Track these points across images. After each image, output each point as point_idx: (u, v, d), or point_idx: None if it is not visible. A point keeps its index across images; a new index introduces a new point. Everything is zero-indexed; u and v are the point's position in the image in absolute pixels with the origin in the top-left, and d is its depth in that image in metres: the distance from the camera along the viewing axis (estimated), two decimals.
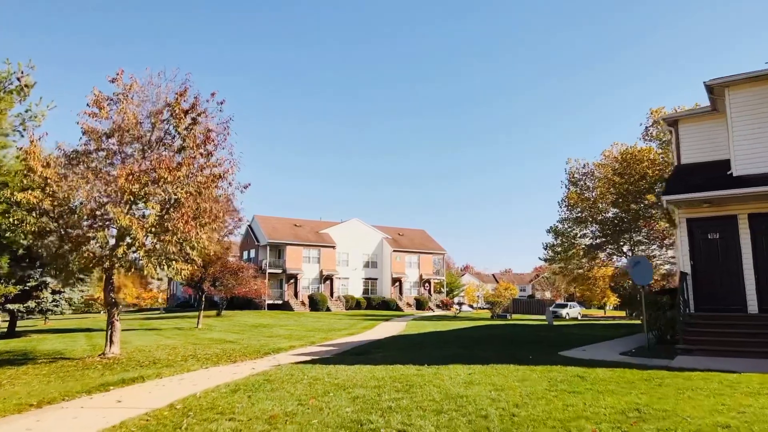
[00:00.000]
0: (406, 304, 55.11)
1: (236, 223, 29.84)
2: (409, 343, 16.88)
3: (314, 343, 17.58)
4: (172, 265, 12.39)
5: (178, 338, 21.20)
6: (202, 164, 12.93)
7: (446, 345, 15.57)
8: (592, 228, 42.69)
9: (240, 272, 28.92)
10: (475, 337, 18.20)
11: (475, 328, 23.85)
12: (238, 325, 29.39)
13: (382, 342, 17.68)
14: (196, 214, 12.54)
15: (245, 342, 18.17)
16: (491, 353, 12.43)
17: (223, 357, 13.17)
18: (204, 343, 17.99)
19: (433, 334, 20.93)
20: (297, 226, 56.06)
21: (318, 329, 25.39)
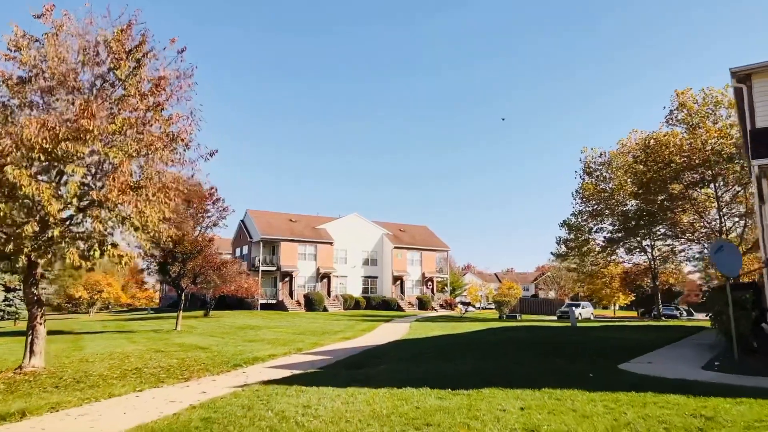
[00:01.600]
0: (408, 303, 52.00)
1: (221, 213, 26.79)
2: (417, 350, 13.77)
3: (301, 350, 14.47)
4: (107, 249, 9.29)
5: (143, 343, 18.09)
6: (149, 119, 9.83)
7: (464, 353, 12.46)
8: (609, 221, 39.65)
9: (224, 268, 25.79)
10: (495, 342, 15.09)
11: (490, 331, 20.73)
12: (223, 327, 26.29)
13: (384, 349, 14.58)
14: (138, 183, 9.44)
15: (219, 348, 15.07)
16: (531, 367, 9.33)
17: (176, 372, 10.06)
18: (169, 351, 14.89)
19: (444, 338, 17.82)
20: (292, 222, 52.89)
21: (311, 332, 22.30)
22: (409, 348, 14.48)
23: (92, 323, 35.94)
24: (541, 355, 11.37)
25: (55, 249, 8.83)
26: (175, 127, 10.33)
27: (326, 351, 14.37)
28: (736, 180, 31.40)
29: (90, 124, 8.35)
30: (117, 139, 9.27)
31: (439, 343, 15.59)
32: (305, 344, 16.12)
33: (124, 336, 22.25)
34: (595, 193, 39.37)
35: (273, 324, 28.67)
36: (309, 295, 47.07)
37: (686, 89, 33.77)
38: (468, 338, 17.16)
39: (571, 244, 41.54)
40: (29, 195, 7.98)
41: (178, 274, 24.51)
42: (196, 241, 24.53)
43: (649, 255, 38.95)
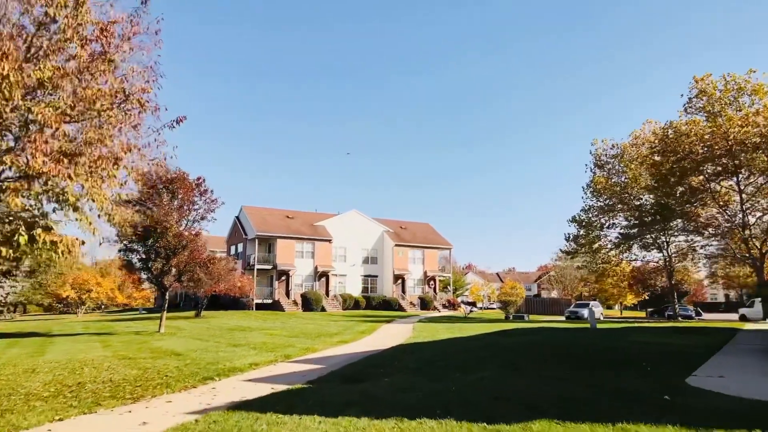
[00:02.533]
0: (410, 303, 49.94)
1: (209, 206, 24.69)
2: (426, 357, 11.73)
3: (290, 357, 12.41)
4: (38, 234, 7.23)
5: (115, 348, 16.04)
6: (92, 69, 7.79)
7: (483, 362, 10.42)
8: (622, 216, 37.57)
9: (211, 264, 23.71)
10: (514, 347, 13.05)
11: (503, 334, 18.68)
12: (212, 329, 24.24)
13: (387, 356, 12.53)
14: (74, 149, 7.39)
15: (196, 355, 13.01)
16: (578, 385, 7.28)
17: (127, 389, 8.00)
18: (138, 357, 12.84)
19: (453, 342, 15.77)
20: (289, 218, 50.79)
21: (305, 334, 20.25)
22: (415, 354, 12.43)
23: (75, 324, 33.91)
24: (581, 366, 9.31)
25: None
26: (127, 84, 8.26)
27: (320, 358, 12.32)
28: (761, 171, 29.37)
29: (3, 68, 6.34)
30: (46, 93, 7.26)
31: (450, 349, 13.54)
32: (296, 349, 14.06)
33: (99, 339, 20.22)
34: (607, 187, 37.31)
35: (266, 325, 26.64)
36: (306, 294, 45.00)
37: (706, 75, 31.69)
38: (481, 342, 15.11)
39: (582, 241, 39.45)
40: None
41: (160, 272, 22.41)
42: (180, 234, 22.46)
43: (665, 252, 36.90)
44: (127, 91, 8.25)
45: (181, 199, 23.72)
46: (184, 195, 23.60)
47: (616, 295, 66.60)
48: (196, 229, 23.98)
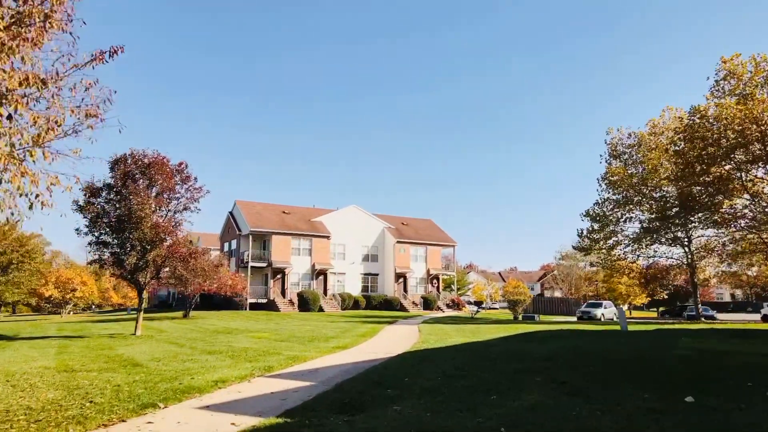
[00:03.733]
0: (412, 303, 47.43)
1: (193, 195, 22.14)
2: (443, 370, 9.22)
3: (271, 369, 9.87)
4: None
5: (70, 355, 13.53)
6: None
7: (521, 380, 7.92)
8: (641, 209, 35.04)
9: (192, 259, 21.13)
10: (552, 357, 10.53)
11: (527, 339, 16.15)
12: (195, 332, 21.74)
13: (393, 367, 10.01)
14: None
15: (156, 367, 10.50)
16: (693, 425, 4.75)
17: (15, 426, 5.50)
18: (84, 369, 10.32)
19: (471, 349, 13.24)
20: (285, 214, 48.23)
21: (297, 338, 17.74)
22: (429, 366, 9.91)
23: (53, 326, 31.40)
24: (659, 387, 6.78)
25: None
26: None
27: (309, 371, 9.79)
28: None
29: None
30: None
31: (470, 358, 11.02)
32: (282, 358, 11.52)
33: (61, 344, 17.70)
34: (624, 178, 34.79)
35: (256, 327, 24.14)
36: (303, 293, 42.46)
37: (734, 55, 29.21)
38: (504, 349, 12.60)
39: (596, 236, 36.92)
40: None
41: (134, 267, 19.86)
42: (157, 225, 19.94)
43: (686, 248, 34.36)
44: (45, 13, 5.74)
45: (160, 187, 21.22)
46: (163, 182, 21.09)
47: (625, 295, 64.20)
48: (177, 219, 21.44)
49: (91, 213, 20.04)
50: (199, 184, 22.25)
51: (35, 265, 47.03)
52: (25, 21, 5.86)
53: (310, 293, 42.51)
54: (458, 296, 55.94)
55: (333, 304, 43.70)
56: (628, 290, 64.49)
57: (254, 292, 43.14)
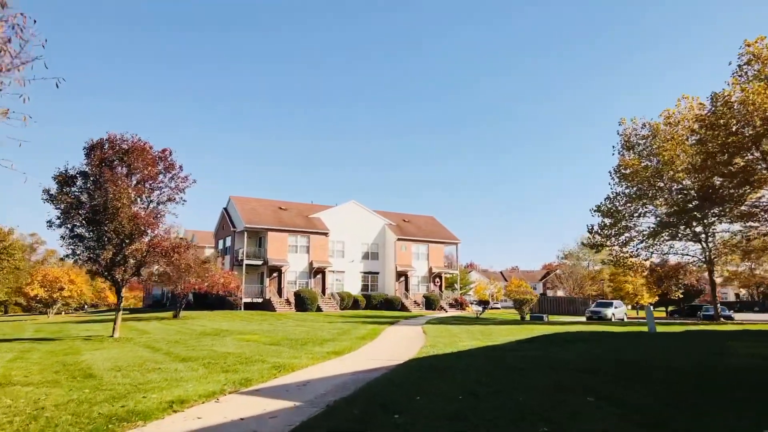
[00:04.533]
0: (414, 302, 45.56)
1: (177, 184, 20.25)
2: (464, 385, 7.36)
3: (249, 383, 7.99)
4: None
5: (26, 362, 11.70)
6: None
7: (566, 399, 6.07)
8: (657, 203, 33.18)
9: (175, 254, 19.17)
10: (594, 369, 8.69)
11: (551, 342, 14.30)
12: (180, 334, 19.91)
13: (399, 380, 8.15)
14: None
15: (111, 380, 8.65)
16: None
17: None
18: (21, 383, 8.48)
19: (489, 356, 11.37)
20: (282, 210, 46.35)
21: (290, 341, 15.89)
22: (444, 379, 8.06)
23: (34, 326, 29.61)
24: (760, 412, 4.94)
25: None
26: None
27: (295, 385, 7.92)
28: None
29: None
30: None
31: (492, 368, 9.16)
32: (265, 367, 9.65)
33: (28, 347, 15.87)
34: (638, 171, 32.93)
35: (248, 328, 22.29)
36: (300, 292, 40.59)
37: (759, 38, 27.36)
38: (529, 356, 10.74)
39: (608, 232, 35.05)
40: None
41: (110, 263, 17.98)
42: (136, 216, 18.08)
43: (705, 244, 32.50)
44: None
45: (140, 175, 19.37)
46: (144, 170, 19.23)
47: (632, 294, 62.32)
48: (160, 211, 19.58)
49: (64, 203, 18.20)
50: (186, 173, 20.39)
51: (13, 263, 45.03)
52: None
53: (307, 292, 40.66)
54: (461, 296, 54.07)
55: (331, 304, 41.85)
56: (636, 289, 62.61)
57: (249, 291, 41.29)
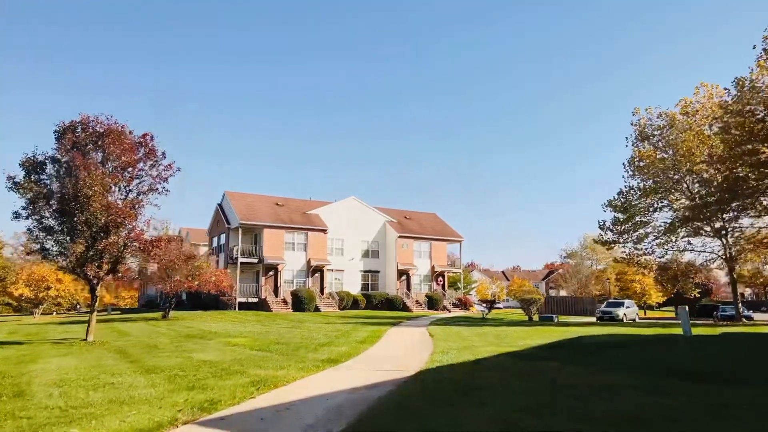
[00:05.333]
0: (415, 302, 43.69)
1: (160, 172, 18.38)
2: (504, 415, 5.50)
3: (214, 406, 6.09)
4: None
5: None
6: None
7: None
8: (674, 196, 31.36)
9: (155, 248, 17.17)
10: (660, 384, 6.82)
11: (577, 348, 12.41)
12: (163, 336, 18.07)
13: (411, 405, 6.28)
14: None
15: (41, 401, 6.82)
16: None
17: None
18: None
19: (517, 367, 9.49)
20: (278, 206, 44.44)
21: (280, 345, 14.02)
22: (469, 401, 6.20)
23: (10, 327, 27.78)
24: None
25: None
26: None
27: (273, 412, 6.04)
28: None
29: None
30: None
31: (532, 386, 7.30)
32: (243, 382, 7.77)
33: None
34: (654, 162, 31.11)
35: (238, 330, 20.44)
36: (297, 292, 38.69)
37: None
38: (569, 372, 8.87)
39: (621, 228, 33.24)
40: None
41: (81, 258, 16.09)
42: (110, 206, 16.22)
43: (725, 239, 30.66)
44: None
45: (118, 162, 17.51)
46: (122, 156, 17.37)
47: (640, 293, 60.42)
48: (139, 201, 17.71)
49: (31, 192, 16.36)
50: (169, 161, 18.51)
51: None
52: None
53: (304, 291, 38.77)
54: (464, 295, 52.20)
55: (330, 304, 39.96)
56: (644, 288, 60.62)
57: (244, 291, 39.41)
